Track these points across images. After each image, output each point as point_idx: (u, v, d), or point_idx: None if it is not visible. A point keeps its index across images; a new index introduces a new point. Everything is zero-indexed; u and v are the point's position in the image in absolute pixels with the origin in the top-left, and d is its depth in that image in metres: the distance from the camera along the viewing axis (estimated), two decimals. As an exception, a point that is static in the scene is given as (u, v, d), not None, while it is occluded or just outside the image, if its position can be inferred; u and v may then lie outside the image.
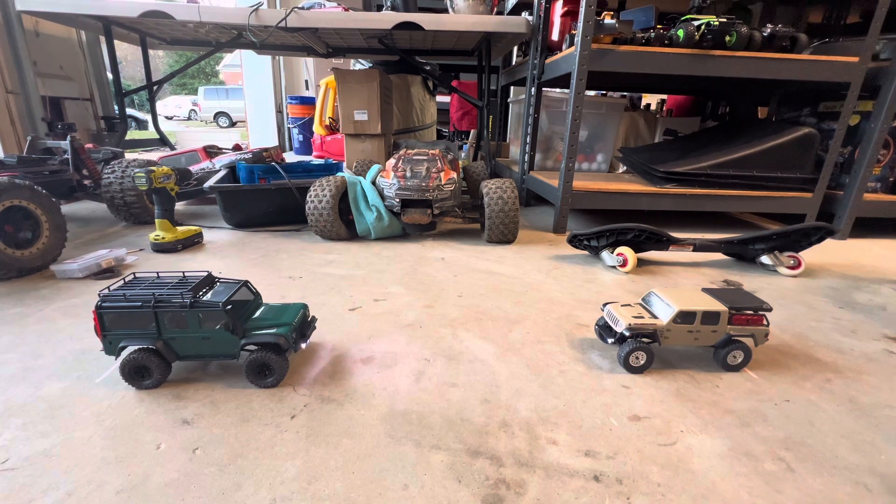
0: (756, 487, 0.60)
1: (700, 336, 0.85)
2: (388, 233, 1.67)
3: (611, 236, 1.45)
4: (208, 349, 0.77)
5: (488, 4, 2.28)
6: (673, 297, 0.86)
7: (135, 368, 0.75)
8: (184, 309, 0.73)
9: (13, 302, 1.09)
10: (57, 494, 0.55)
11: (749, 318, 0.84)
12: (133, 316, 0.73)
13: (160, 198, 1.46)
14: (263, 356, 0.76)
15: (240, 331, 0.76)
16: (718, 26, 1.62)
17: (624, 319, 0.85)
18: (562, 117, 2.38)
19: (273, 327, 0.78)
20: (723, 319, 0.83)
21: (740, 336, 0.85)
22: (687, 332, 0.84)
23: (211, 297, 0.76)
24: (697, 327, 0.84)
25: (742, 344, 0.85)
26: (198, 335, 0.75)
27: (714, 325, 0.84)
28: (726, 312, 0.83)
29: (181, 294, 0.73)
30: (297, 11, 2.05)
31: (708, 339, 0.85)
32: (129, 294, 0.74)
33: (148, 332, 0.74)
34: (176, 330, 0.75)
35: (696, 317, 0.83)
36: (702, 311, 0.83)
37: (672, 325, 0.83)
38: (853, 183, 1.84)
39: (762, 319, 0.85)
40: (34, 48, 2.49)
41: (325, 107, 4.25)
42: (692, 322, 0.83)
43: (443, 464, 0.62)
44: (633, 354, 0.84)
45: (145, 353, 0.75)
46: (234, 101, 13.13)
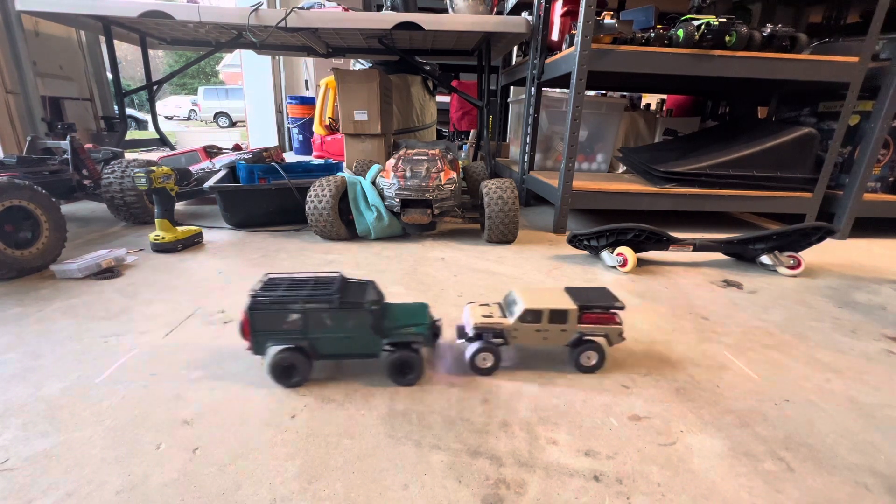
0: (756, 487, 0.60)
1: (549, 335, 0.82)
2: (388, 233, 1.67)
3: (611, 236, 1.45)
4: (350, 348, 0.79)
5: (488, 4, 2.28)
6: (525, 295, 0.83)
7: (283, 367, 0.76)
8: (332, 309, 0.75)
9: (13, 302, 1.09)
10: (57, 494, 0.55)
11: (600, 316, 0.82)
12: (282, 317, 0.75)
13: (160, 198, 1.46)
14: (406, 355, 0.78)
15: (382, 330, 0.78)
16: (718, 26, 1.62)
17: (474, 319, 0.82)
18: (562, 117, 2.38)
19: (411, 326, 0.80)
20: (571, 318, 0.81)
21: (593, 335, 0.82)
22: (535, 331, 0.81)
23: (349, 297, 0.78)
24: (545, 326, 0.81)
25: (595, 344, 0.82)
26: (342, 335, 0.77)
27: (563, 325, 0.81)
28: (575, 311, 0.80)
29: (328, 295, 0.75)
30: (297, 11, 2.05)
31: (558, 338, 0.83)
32: (276, 296, 0.75)
33: (295, 332, 0.76)
34: (321, 330, 0.76)
35: (542, 315, 0.80)
36: (549, 310, 0.80)
37: (519, 324, 0.80)
38: (853, 183, 1.84)
39: (614, 318, 0.83)
40: (34, 48, 2.49)
41: (325, 107, 4.25)
42: (539, 321, 0.81)
43: (443, 464, 0.62)
44: (479, 355, 0.81)
45: (293, 353, 0.76)
46: (234, 101, 13.14)
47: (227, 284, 1.23)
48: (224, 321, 1.01)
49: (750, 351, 0.95)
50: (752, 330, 1.05)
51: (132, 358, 0.86)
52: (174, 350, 0.89)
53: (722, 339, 1.00)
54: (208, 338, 0.94)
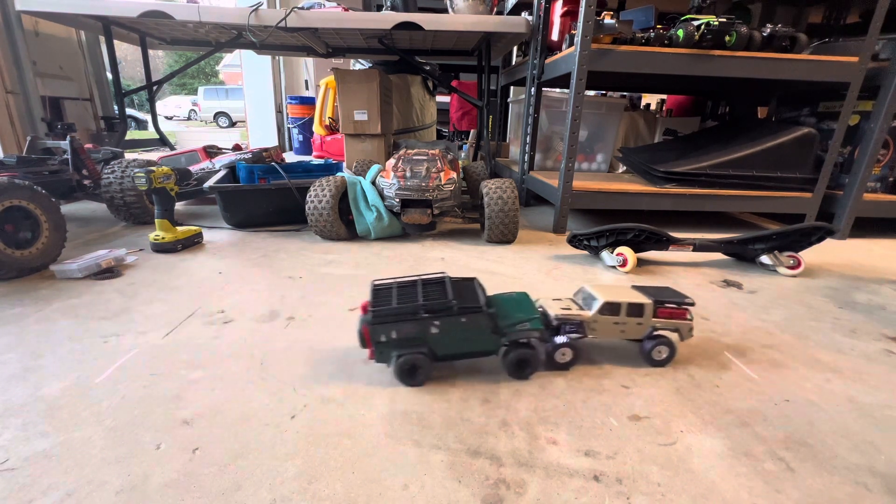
0: (756, 487, 0.60)
1: (626, 328, 0.85)
2: (388, 233, 1.67)
3: (610, 236, 1.45)
4: (468, 348, 0.81)
5: (488, 4, 2.28)
6: (600, 290, 0.86)
7: (408, 368, 0.78)
8: (451, 315, 0.77)
9: (13, 302, 1.09)
10: (57, 494, 0.55)
11: (673, 311, 0.85)
12: (404, 325, 0.77)
13: (160, 198, 1.46)
14: (524, 353, 0.80)
15: (499, 329, 0.80)
16: (718, 26, 1.62)
17: (553, 311, 0.84)
18: (562, 117, 2.38)
19: (526, 322, 0.81)
20: (647, 312, 0.84)
21: (665, 329, 0.86)
22: (613, 323, 0.84)
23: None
24: (623, 319, 0.84)
25: (667, 339, 0.85)
26: (461, 337, 0.79)
27: (639, 318, 0.84)
28: (651, 305, 0.84)
29: (447, 302, 0.77)
30: (297, 11, 2.05)
31: (634, 331, 0.86)
32: (395, 308, 0.77)
33: (417, 337, 0.78)
34: (441, 335, 0.78)
35: (621, 308, 0.84)
36: (627, 303, 0.84)
37: (598, 316, 0.84)
38: (853, 183, 1.84)
39: (686, 313, 0.86)
40: (34, 48, 2.49)
41: (325, 107, 4.25)
42: (618, 314, 0.84)
43: (443, 464, 0.62)
44: (559, 350, 0.83)
45: (417, 356, 0.78)
46: (234, 101, 13.14)
47: (227, 284, 1.23)
48: (224, 321, 1.01)
49: (750, 351, 0.95)
50: (752, 330, 1.05)
51: (132, 358, 0.86)
52: (174, 350, 0.89)
53: (722, 339, 1.00)
54: (208, 338, 0.94)
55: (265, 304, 1.11)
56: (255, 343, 0.92)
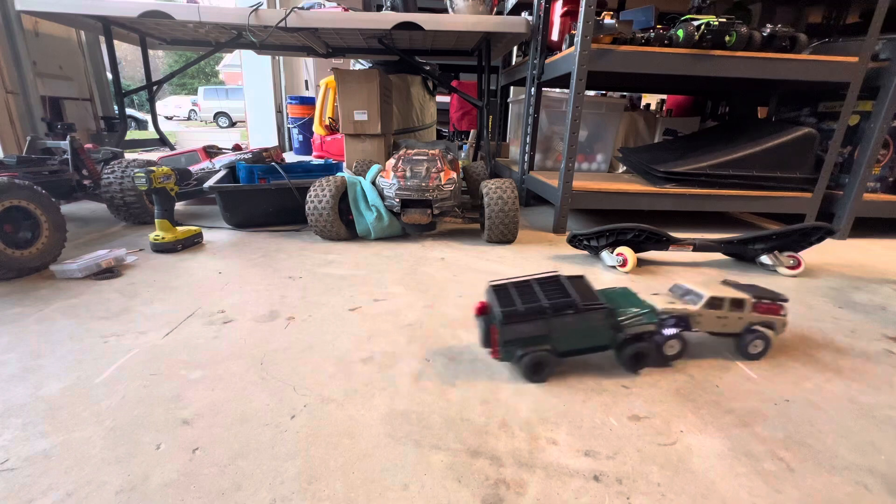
0: (756, 487, 0.60)
1: (728, 322, 0.89)
2: (388, 233, 1.67)
3: (610, 236, 1.45)
4: (587, 343, 0.84)
5: (488, 4, 2.28)
6: (699, 286, 0.90)
7: (534, 365, 0.81)
8: (576, 313, 0.80)
9: (13, 302, 1.09)
10: (57, 495, 0.55)
11: (770, 307, 0.89)
12: (532, 324, 0.80)
13: (160, 198, 1.46)
14: (641, 346, 0.83)
15: (618, 324, 0.83)
16: (718, 26, 1.62)
17: (659, 306, 0.87)
18: (562, 117, 2.38)
19: (641, 315, 0.84)
20: (747, 306, 0.88)
21: (761, 324, 0.89)
22: (716, 317, 0.88)
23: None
24: (726, 313, 0.88)
25: (762, 333, 0.89)
26: (582, 332, 0.82)
27: (740, 312, 0.88)
28: (751, 300, 0.88)
29: (571, 301, 0.80)
30: (297, 11, 2.05)
31: (735, 325, 0.89)
32: (519, 307, 0.80)
33: (542, 335, 0.80)
34: (565, 332, 0.81)
35: (725, 302, 0.87)
36: (730, 298, 0.87)
37: (704, 310, 0.87)
38: (853, 183, 1.84)
39: (781, 309, 0.90)
40: (34, 48, 2.49)
41: (325, 107, 4.25)
42: (721, 308, 0.87)
43: (443, 464, 0.62)
44: (669, 342, 0.85)
45: (543, 352, 0.81)
46: (234, 101, 13.15)
47: (227, 284, 1.23)
48: (224, 321, 1.01)
49: (750, 351, 0.95)
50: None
51: (132, 358, 0.86)
52: (174, 350, 0.89)
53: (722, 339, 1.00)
54: (208, 338, 0.94)
55: (265, 304, 1.11)
56: (255, 343, 0.92)
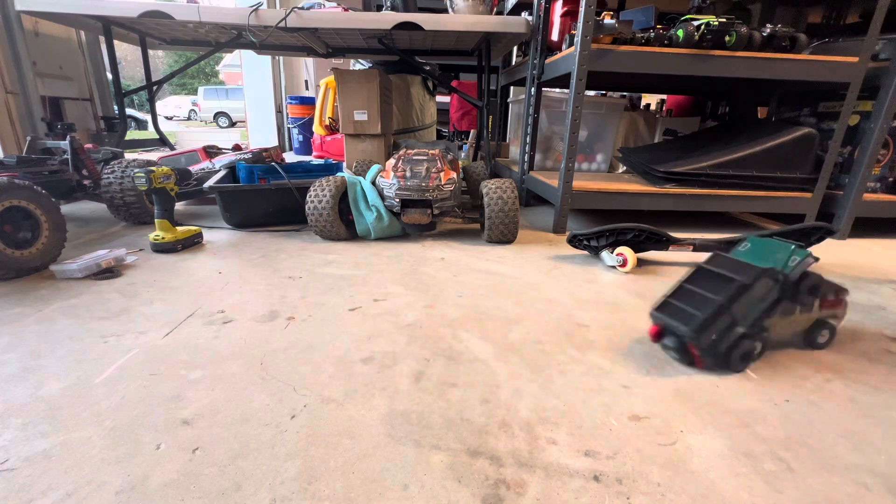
0: (756, 487, 0.60)
1: (796, 325, 0.91)
2: (388, 233, 1.67)
3: (610, 236, 1.45)
4: (767, 304, 0.85)
5: (488, 4, 2.28)
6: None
7: (744, 355, 0.85)
8: (747, 292, 0.83)
9: (13, 302, 1.09)
10: (57, 495, 0.55)
11: (833, 301, 0.92)
12: (718, 324, 0.83)
13: (160, 198, 1.46)
14: (813, 279, 0.88)
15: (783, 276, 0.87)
16: (718, 26, 1.62)
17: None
18: (562, 117, 2.38)
19: (793, 256, 0.88)
20: (815, 306, 0.90)
21: (827, 318, 0.92)
22: (788, 322, 0.89)
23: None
24: (796, 317, 0.89)
25: (830, 324, 0.92)
26: (759, 300, 0.84)
27: (808, 314, 0.90)
28: (816, 301, 0.89)
29: (736, 285, 0.83)
30: (297, 11, 2.05)
31: (804, 325, 0.92)
32: (699, 316, 0.83)
33: (730, 325, 0.83)
34: (745, 310, 0.84)
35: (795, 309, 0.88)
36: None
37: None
38: (853, 183, 1.84)
39: (843, 303, 0.93)
40: (34, 48, 2.49)
41: (325, 107, 4.25)
42: (792, 314, 0.88)
43: (443, 464, 0.62)
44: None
45: (743, 339, 0.84)
46: (234, 101, 13.15)
47: (227, 284, 1.23)
48: (224, 321, 1.01)
49: (750, 351, 0.95)
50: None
51: (132, 358, 0.86)
52: (174, 350, 0.89)
53: (722, 339, 1.00)
54: (208, 338, 0.94)
55: (265, 304, 1.11)
56: (255, 343, 0.92)
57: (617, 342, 0.97)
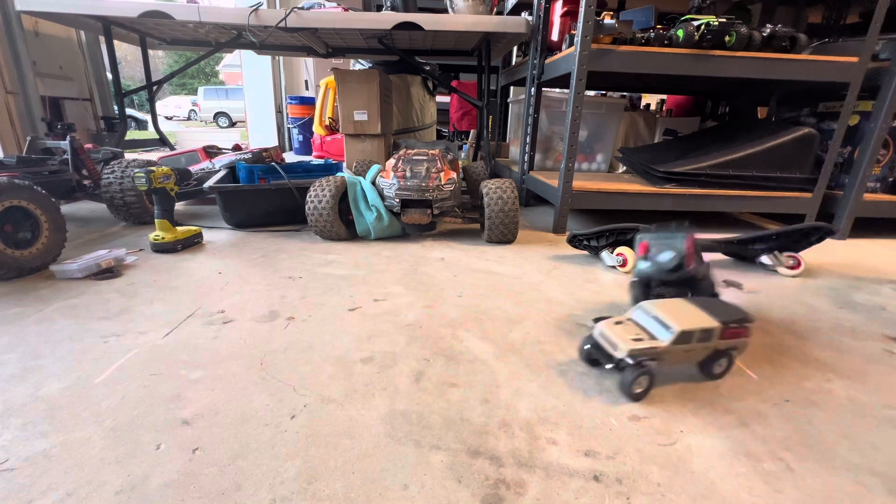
0: (756, 487, 0.60)
1: (692, 354, 0.81)
2: (388, 233, 1.67)
3: (610, 236, 1.46)
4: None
5: (488, 4, 2.28)
6: (669, 313, 0.80)
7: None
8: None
9: (12, 302, 1.09)
10: (56, 495, 0.55)
11: (737, 331, 0.82)
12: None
13: (160, 198, 1.46)
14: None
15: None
16: (718, 26, 1.62)
17: (623, 343, 0.77)
18: (562, 117, 2.38)
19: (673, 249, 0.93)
20: (716, 335, 0.80)
21: (727, 350, 0.83)
22: (684, 351, 0.79)
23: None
24: (693, 346, 0.79)
25: (728, 354, 0.83)
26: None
27: (708, 342, 0.80)
28: (719, 328, 0.79)
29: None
30: (297, 11, 2.05)
31: (700, 355, 0.82)
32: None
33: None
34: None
35: (693, 336, 0.78)
36: (700, 330, 0.78)
37: (672, 346, 0.77)
38: (853, 183, 1.84)
39: (747, 331, 0.83)
40: (34, 48, 2.49)
41: (325, 107, 4.25)
42: (690, 341, 0.78)
43: (443, 464, 0.62)
44: (637, 380, 0.77)
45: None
46: (234, 101, 13.16)
47: (227, 284, 1.23)
48: (224, 321, 1.01)
49: (750, 351, 0.95)
50: (753, 330, 1.04)
51: (132, 358, 0.86)
52: (174, 350, 0.89)
53: (722, 339, 1.00)
54: (208, 338, 0.94)
55: (265, 304, 1.11)
56: (255, 343, 0.92)
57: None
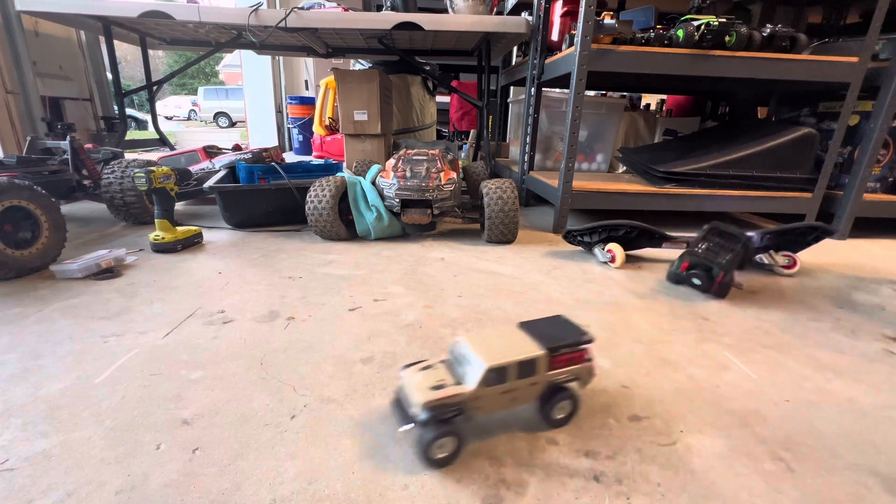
0: (756, 487, 0.60)
1: (518, 394, 0.64)
2: (388, 233, 1.67)
3: (602, 232, 1.47)
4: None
5: (488, 4, 2.28)
6: (480, 346, 0.63)
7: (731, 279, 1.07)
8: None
9: (12, 302, 1.09)
10: (57, 495, 0.55)
11: (571, 356, 0.66)
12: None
13: (160, 198, 1.46)
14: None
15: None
16: (718, 26, 1.62)
17: (420, 394, 0.60)
18: (562, 117, 2.38)
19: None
20: (541, 366, 0.64)
21: (565, 382, 0.67)
22: (501, 394, 0.62)
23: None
24: (513, 384, 0.62)
25: (567, 391, 0.67)
26: None
27: (532, 377, 0.64)
28: (544, 356, 0.63)
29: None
30: (297, 11, 2.05)
31: (528, 394, 0.65)
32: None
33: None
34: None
35: (508, 371, 0.61)
36: (516, 363, 0.61)
37: (481, 389, 0.61)
38: (853, 183, 1.84)
39: (584, 354, 0.68)
40: (34, 48, 2.49)
41: (325, 107, 4.25)
42: (505, 379, 0.62)
43: (443, 464, 0.62)
44: (435, 444, 0.59)
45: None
46: (234, 101, 13.15)
47: (227, 284, 1.23)
48: (224, 321, 1.01)
49: (750, 351, 0.95)
50: (752, 330, 1.05)
51: (132, 358, 0.86)
52: (174, 350, 0.89)
53: (722, 339, 1.00)
54: (208, 338, 0.94)
55: (265, 304, 1.11)
56: (255, 343, 0.92)
57: (617, 342, 0.97)
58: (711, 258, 1.23)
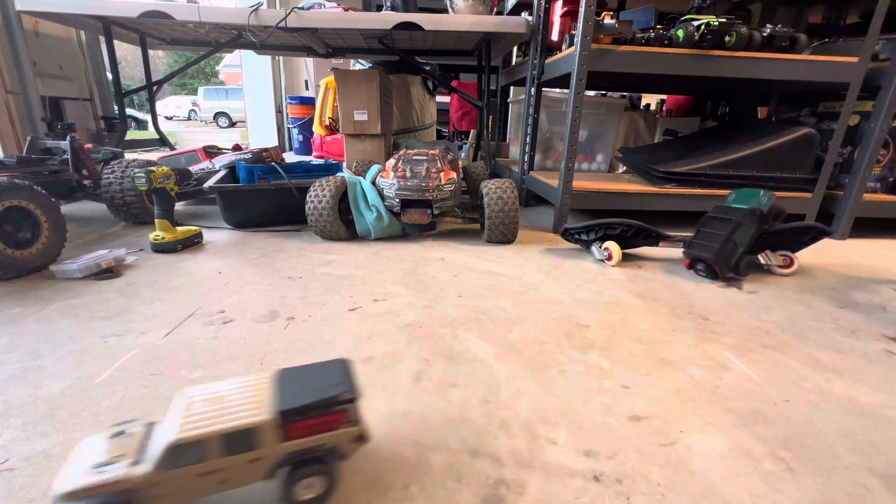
0: (756, 487, 0.60)
1: (229, 476, 0.48)
2: (388, 233, 1.67)
3: (599, 230, 1.48)
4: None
5: (488, 4, 2.28)
6: (191, 405, 0.48)
7: (747, 263, 1.26)
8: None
9: (12, 302, 1.09)
10: (57, 494, 0.55)
11: (319, 421, 0.50)
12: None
13: (160, 198, 1.46)
14: None
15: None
16: (718, 26, 1.62)
17: (72, 477, 0.44)
18: (562, 117, 2.38)
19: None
20: (267, 436, 0.48)
21: (311, 455, 0.51)
22: (198, 476, 0.46)
23: None
24: (218, 465, 0.46)
25: (319, 465, 0.51)
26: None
27: (251, 451, 0.47)
28: (270, 423, 0.47)
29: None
30: (297, 11, 2.05)
31: (247, 475, 0.49)
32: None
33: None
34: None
35: (207, 447, 0.45)
36: (218, 436, 0.45)
37: (161, 473, 0.44)
38: (853, 183, 1.84)
39: (342, 419, 0.52)
40: (34, 48, 2.49)
41: (325, 107, 4.25)
42: (204, 457, 0.45)
43: (443, 464, 0.62)
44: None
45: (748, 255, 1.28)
46: (234, 102, 13.16)
47: (227, 284, 1.23)
48: (224, 321, 1.01)
49: (750, 351, 0.95)
50: (752, 330, 1.05)
51: (132, 358, 0.86)
52: (174, 350, 0.89)
53: (722, 339, 1.00)
54: (208, 338, 0.94)
55: (265, 304, 1.11)
56: (255, 343, 0.92)
57: (617, 342, 0.97)
58: (704, 252, 1.30)
